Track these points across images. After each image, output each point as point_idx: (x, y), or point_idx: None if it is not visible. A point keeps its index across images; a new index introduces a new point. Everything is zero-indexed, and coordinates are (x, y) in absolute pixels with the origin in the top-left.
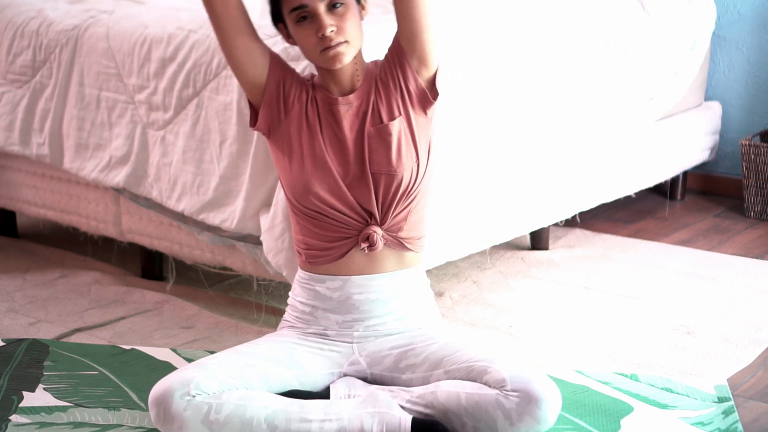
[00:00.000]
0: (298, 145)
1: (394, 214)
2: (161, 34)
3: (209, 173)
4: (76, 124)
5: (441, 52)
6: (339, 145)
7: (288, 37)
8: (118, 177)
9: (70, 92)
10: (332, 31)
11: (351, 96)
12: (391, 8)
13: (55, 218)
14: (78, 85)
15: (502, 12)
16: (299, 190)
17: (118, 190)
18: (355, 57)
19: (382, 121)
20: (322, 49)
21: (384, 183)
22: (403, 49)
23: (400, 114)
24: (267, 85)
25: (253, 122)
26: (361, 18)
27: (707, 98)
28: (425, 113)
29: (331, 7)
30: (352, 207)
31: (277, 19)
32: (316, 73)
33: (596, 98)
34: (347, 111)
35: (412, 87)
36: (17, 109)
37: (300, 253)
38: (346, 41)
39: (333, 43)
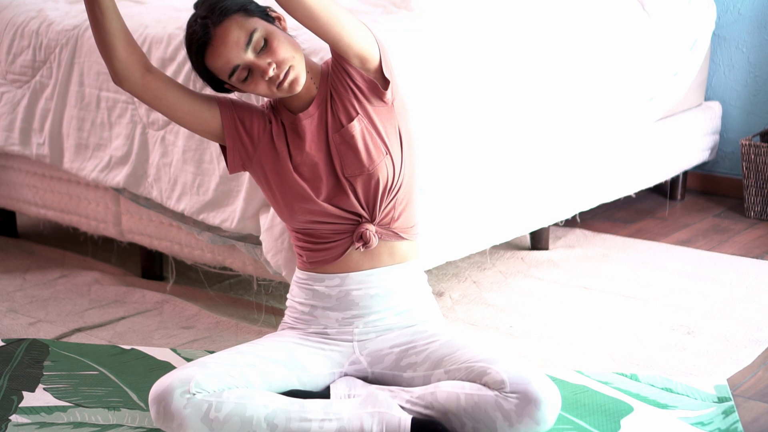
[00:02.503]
0: (272, 176)
1: (383, 209)
2: (161, 34)
3: (209, 173)
4: (76, 124)
5: (373, 41)
6: (310, 162)
7: (231, 86)
8: (118, 177)
9: (70, 92)
10: (274, 69)
11: (311, 107)
12: (392, 8)
13: (55, 218)
14: (78, 85)
15: (502, 11)
16: (285, 216)
17: (118, 190)
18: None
19: (341, 125)
20: (277, 86)
21: (362, 184)
22: (339, 53)
23: (357, 113)
24: (225, 131)
25: (232, 167)
26: (284, 30)
27: (707, 98)
28: (384, 102)
29: (259, 51)
30: (338, 216)
31: (220, 84)
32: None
33: (596, 98)
34: (311, 124)
35: (361, 83)
36: (17, 109)
37: (301, 255)
38: (291, 66)
39: (282, 76)
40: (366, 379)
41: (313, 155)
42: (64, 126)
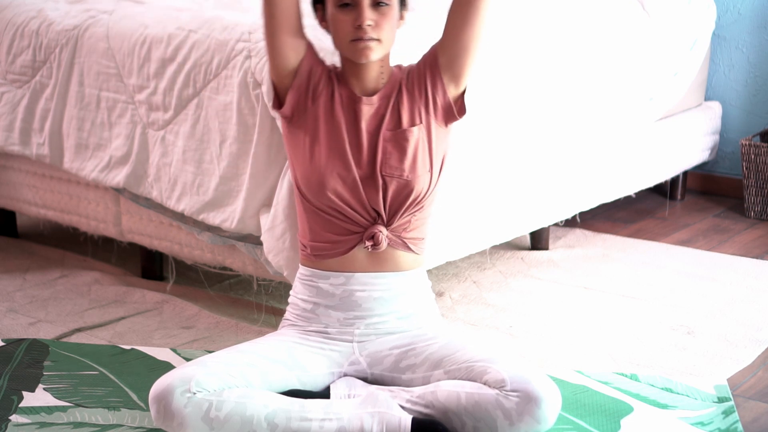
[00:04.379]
0: (323, 134)
1: (401, 217)
2: (161, 34)
3: (209, 173)
4: (76, 124)
5: (474, 73)
6: (355, 143)
7: (322, 20)
8: (118, 177)
9: (70, 92)
10: (369, 25)
11: (374, 97)
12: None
13: (55, 218)
14: (78, 85)
15: (501, 11)
16: (314, 182)
17: (118, 190)
18: (382, 59)
19: (399, 126)
20: (354, 39)
21: (395, 188)
22: (439, 63)
23: (421, 122)
24: (299, 71)
25: (277, 105)
26: (398, 26)
27: (707, 98)
28: (446, 125)
29: (376, 4)
30: (362, 204)
31: (317, 0)
32: (339, 66)
33: (596, 98)
34: (369, 111)
35: (440, 100)
36: (17, 109)
37: (305, 247)
38: (378, 39)
39: (366, 37)
40: (365, 380)
41: (360, 140)
42: (64, 126)
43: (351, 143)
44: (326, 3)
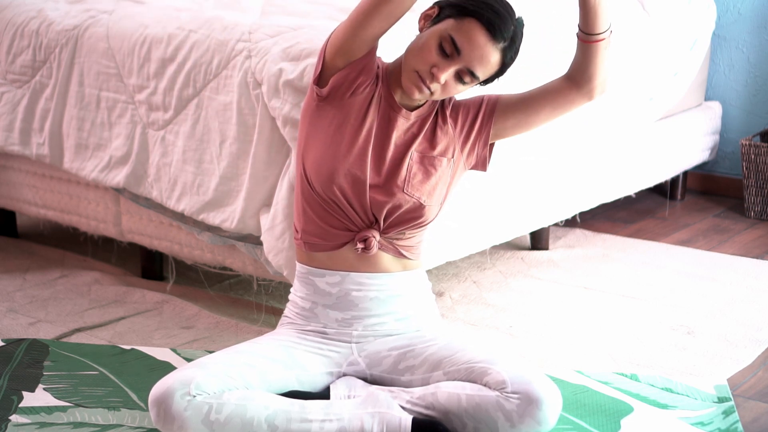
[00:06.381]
0: (349, 128)
1: (398, 232)
2: (161, 34)
3: (209, 173)
4: (76, 124)
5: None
6: (379, 151)
7: (427, 20)
8: (118, 177)
9: (70, 92)
10: (437, 85)
11: (412, 113)
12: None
13: (55, 218)
14: (78, 85)
15: None
16: (324, 171)
17: (118, 190)
18: None
19: (429, 151)
20: (417, 72)
21: (407, 207)
22: (495, 117)
23: (453, 158)
24: (355, 62)
25: (317, 80)
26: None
27: (707, 98)
28: (467, 169)
29: (460, 77)
30: (364, 208)
31: (444, 11)
32: (387, 64)
33: (596, 98)
34: (402, 124)
35: (478, 148)
36: (17, 109)
37: (297, 231)
38: (434, 92)
39: (427, 83)
40: (365, 380)
41: (386, 149)
42: (64, 126)
43: (375, 148)
44: (440, 20)
